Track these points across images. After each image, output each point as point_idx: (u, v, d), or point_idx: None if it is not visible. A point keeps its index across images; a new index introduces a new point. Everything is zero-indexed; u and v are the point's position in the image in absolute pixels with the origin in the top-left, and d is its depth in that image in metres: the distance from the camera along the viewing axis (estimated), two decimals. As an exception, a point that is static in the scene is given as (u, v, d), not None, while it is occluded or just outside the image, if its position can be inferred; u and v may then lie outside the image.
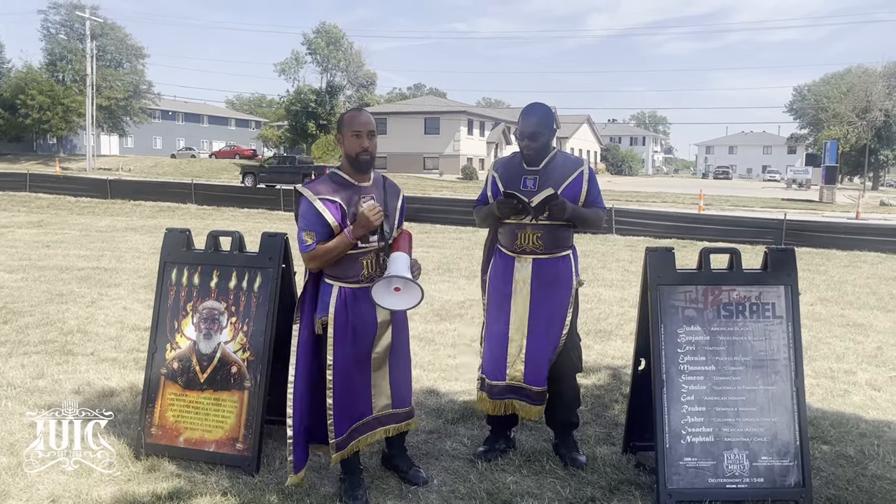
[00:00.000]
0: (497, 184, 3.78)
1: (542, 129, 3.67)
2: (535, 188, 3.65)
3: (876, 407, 4.82)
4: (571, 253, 3.76)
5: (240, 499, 3.28)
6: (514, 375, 3.69)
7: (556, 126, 3.80)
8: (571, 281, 3.71)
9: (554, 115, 3.77)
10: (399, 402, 3.50)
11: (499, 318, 3.76)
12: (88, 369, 5.20)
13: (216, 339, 3.73)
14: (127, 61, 54.82)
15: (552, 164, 3.72)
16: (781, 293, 3.52)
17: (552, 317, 3.68)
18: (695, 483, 3.36)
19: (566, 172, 3.70)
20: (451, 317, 7.17)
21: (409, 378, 3.59)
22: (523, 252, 3.69)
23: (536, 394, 3.69)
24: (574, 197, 3.65)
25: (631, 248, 13.79)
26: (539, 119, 3.68)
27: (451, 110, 55.36)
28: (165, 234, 3.95)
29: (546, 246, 3.67)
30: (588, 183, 3.70)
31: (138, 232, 14.58)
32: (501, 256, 3.80)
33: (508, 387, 3.71)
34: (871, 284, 10.14)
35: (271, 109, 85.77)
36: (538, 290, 3.68)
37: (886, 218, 24.32)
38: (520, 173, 3.75)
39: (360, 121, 3.24)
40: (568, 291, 3.70)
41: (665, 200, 30.23)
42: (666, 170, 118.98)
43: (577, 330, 3.85)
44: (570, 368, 3.81)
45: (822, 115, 61.55)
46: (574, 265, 3.76)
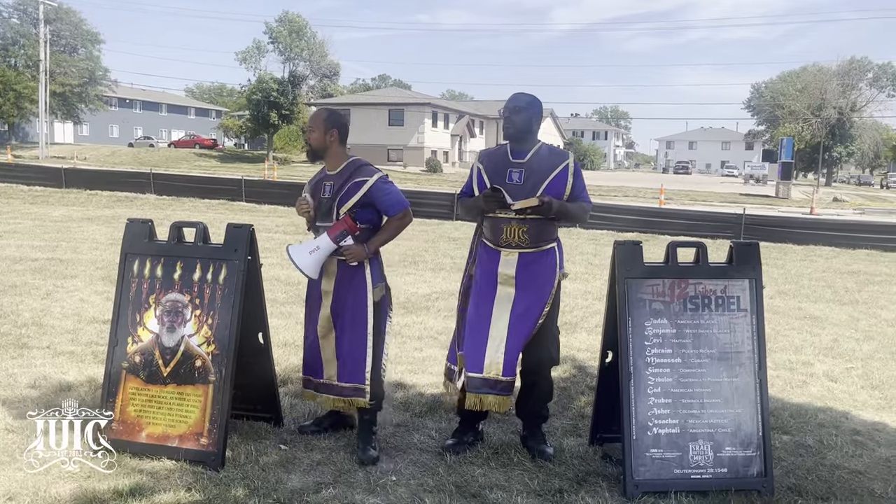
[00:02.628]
0: (483, 176, 3.76)
1: (525, 107, 3.70)
2: (521, 181, 3.66)
3: (833, 398, 4.94)
4: (556, 245, 3.77)
5: (204, 494, 3.22)
6: (493, 369, 3.67)
7: (541, 114, 3.80)
8: (555, 273, 3.72)
9: (540, 105, 3.78)
10: (344, 376, 3.71)
11: (481, 311, 3.73)
12: (45, 363, 5.05)
13: (180, 333, 3.66)
14: (82, 47, 53.43)
15: (537, 157, 3.72)
16: (746, 286, 3.57)
17: (534, 308, 3.68)
18: (661, 474, 3.40)
19: (551, 166, 3.70)
20: (417, 309, 7.15)
21: (360, 357, 3.67)
22: (509, 246, 3.69)
23: (509, 384, 3.69)
24: (559, 191, 3.65)
25: (594, 242, 13.93)
26: (525, 100, 3.73)
27: (415, 102, 55.19)
28: (127, 224, 3.85)
29: (531, 239, 3.66)
30: (573, 177, 3.71)
31: (95, 222, 14.24)
32: (486, 250, 3.78)
33: (484, 380, 3.69)
34: (827, 278, 10.40)
35: (232, 99, 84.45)
36: (523, 284, 3.67)
37: (839, 213, 24.99)
38: (505, 166, 3.73)
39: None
40: (551, 284, 3.71)
41: (627, 195, 30.61)
42: (627, 164, 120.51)
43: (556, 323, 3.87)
44: (548, 361, 3.83)
45: (779, 112, 63.02)
46: (559, 257, 3.76)
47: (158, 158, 45.38)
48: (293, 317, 6.43)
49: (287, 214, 16.55)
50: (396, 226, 3.73)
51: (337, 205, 3.65)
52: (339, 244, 3.58)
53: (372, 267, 3.71)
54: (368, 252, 3.64)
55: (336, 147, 3.74)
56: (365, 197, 3.64)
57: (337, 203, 3.65)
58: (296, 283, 8.12)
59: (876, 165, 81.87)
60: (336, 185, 3.68)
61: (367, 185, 3.64)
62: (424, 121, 53.04)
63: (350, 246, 3.60)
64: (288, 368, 4.98)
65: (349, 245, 3.60)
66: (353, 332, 3.70)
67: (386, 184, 3.71)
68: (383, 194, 3.67)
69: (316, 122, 3.71)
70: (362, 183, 3.65)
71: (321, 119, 3.71)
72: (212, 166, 44.02)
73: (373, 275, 3.70)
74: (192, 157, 50.07)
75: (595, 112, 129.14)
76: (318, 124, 3.70)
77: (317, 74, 60.21)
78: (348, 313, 3.70)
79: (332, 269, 3.70)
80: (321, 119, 3.71)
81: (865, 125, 63.69)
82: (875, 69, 64.50)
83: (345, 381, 3.72)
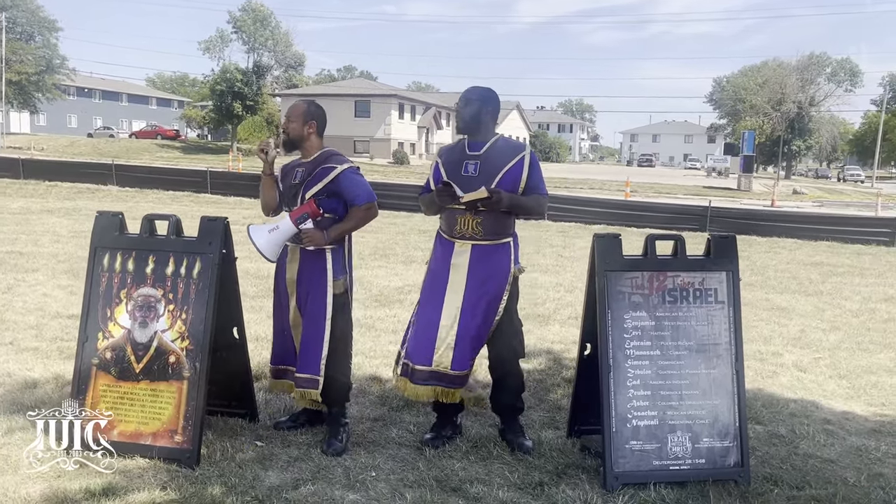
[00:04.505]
0: (440, 170, 3.76)
1: (475, 99, 3.71)
2: (476, 173, 3.65)
3: (803, 388, 5.03)
4: (512, 240, 3.76)
5: (180, 493, 3.15)
6: (441, 362, 3.65)
7: (495, 108, 3.78)
8: (509, 267, 3.70)
9: (495, 98, 3.77)
10: (301, 366, 3.71)
11: (432, 303, 3.73)
12: (8, 359, 4.90)
13: (152, 328, 3.57)
14: (39, 34, 51.93)
15: (493, 150, 3.71)
16: (723, 279, 3.60)
17: (486, 303, 3.66)
18: (640, 465, 3.42)
19: (507, 157, 3.69)
20: (390, 302, 7.11)
21: (316, 347, 3.66)
22: (462, 238, 3.68)
23: (459, 377, 3.67)
24: (514, 182, 3.64)
25: (563, 234, 14.02)
26: (477, 93, 3.75)
27: (381, 93, 54.93)
28: (96, 217, 3.74)
29: (485, 232, 3.65)
30: (529, 168, 3.69)
31: (55, 214, 13.88)
32: (441, 241, 3.79)
33: (433, 373, 3.67)
34: (791, 269, 10.60)
35: (194, 89, 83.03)
36: (474, 276, 3.66)
37: (799, 206, 25.53)
38: (462, 159, 3.74)
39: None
40: (505, 278, 3.69)
41: (592, 187, 30.85)
42: (592, 157, 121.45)
43: (519, 316, 3.85)
44: (513, 355, 3.81)
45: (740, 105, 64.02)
46: (514, 252, 3.75)
47: (119, 149, 44.43)
48: (264, 310, 6.32)
49: (253, 206, 16.31)
50: (361, 217, 3.71)
51: (303, 189, 3.67)
52: (300, 226, 3.56)
53: (334, 259, 3.68)
54: (327, 238, 3.61)
55: (313, 138, 3.79)
56: (332, 184, 3.64)
57: (304, 188, 3.67)
58: (265, 275, 8.00)
59: (833, 159, 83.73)
60: (306, 171, 3.74)
61: (335, 172, 3.66)
62: (391, 112, 52.79)
63: (308, 229, 3.58)
64: (261, 363, 4.89)
65: (308, 228, 3.58)
66: (312, 323, 3.69)
67: (355, 174, 3.73)
68: (350, 183, 3.68)
69: (295, 113, 3.76)
70: (330, 170, 3.67)
71: (301, 111, 3.77)
72: (174, 157, 43.28)
73: (334, 267, 3.68)
74: (153, 147, 49.10)
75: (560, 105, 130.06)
76: (298, 116, 3.75)
77: (281, 65, 59.54)
78: (309, 304, 3.70)
79: (297, 257, 3.71)
80: (301, 111, 3.77)
81: (823, 119, 65.11)
82: (833, 64, 65.91)
83: (300, 372, 3.72)
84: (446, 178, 3.64)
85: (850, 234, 14.93)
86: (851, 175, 62.38)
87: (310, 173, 3.71)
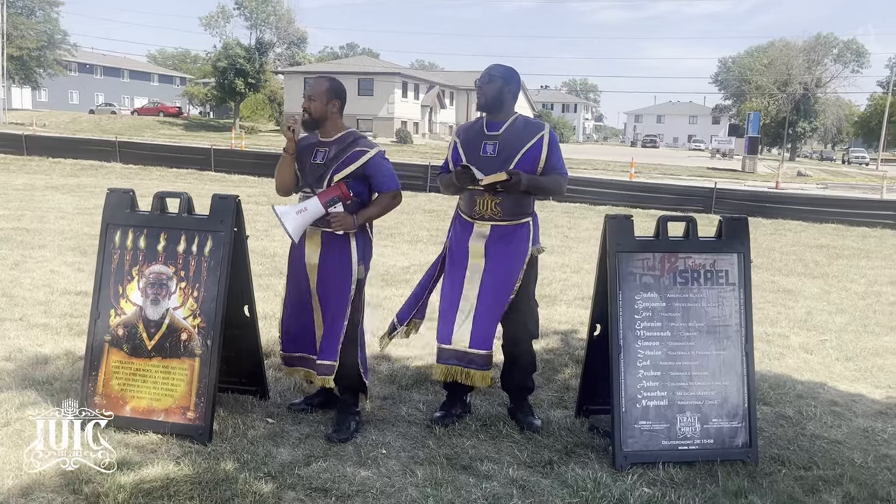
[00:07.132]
0: (458, 150, 3.75)
1: (498, 77, 3.68)
2: (495, 153, 3.65)
3: (809, 369, 5.04)
4: (531, 220, 3.76)
5: (193, 468, 3.17)
6: (460, 340, 3.68)
7: (516, 87, 3.76)
8: (527, 247, 3.71)
9: (517, 77, 3.74)
10: (321, 353, 3.65)
11: (452, 282, 3.76)
12: (18, 335, 4.92)
13: (164, 305, 3.58)
14: (40, 9, 51.58)
15: (512, 129, 3.70)
16: (735, 261, 3.61)
17: (503, 282, 3.67)
18: (649, 445, 3.44)
19: (526, 137, 3.67)
20: (397, 282, 7.12)
21: (336, 332, 3.61)
22: (482, 218, 3.68)
23: (482, 358, 3.69)
24: (533, 163, 3.63)
25: (568, 215, 13.99)
26: (499, 70, 3.71)
27: (385, 71, 54.56)
28: (108, 193, 3.74)
29: (505, 212, 3.65)
30: (549, 147, 3.68)
31: (59, 191, 13.87)
32: (461, 222, 3.79)
33: (454, 352, 3.70)
34: (797, 252, 10.59)
35: (196, 66, 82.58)
36: (493, 256, 3.67)
37: (803, 188, 25.42)
38: (480, 138, 3.72)
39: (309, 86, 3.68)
40: (522, 258, 3.69)
41: (596, 168, 30.72)
42: (596, 137, 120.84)
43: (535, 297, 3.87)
44: (527, 334, 3.83)
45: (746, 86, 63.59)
46: (533, 232, 3.76)
47: (121, 126, 44.30)
48: (272, 289, 6.36)
49: (258, 185, 16.30)
50: (387, 203, 3.68)
51: (332, 172, 3.57)
52: (329, 209, 3.51)
53: (358, 243, 3.64)
54: (356, 223, 3.58)
55: (336, 117, 3.68)
56: (362, 168, 3.58)
57: (332, 170, 3.57)
58: (272, 254, 8.02)
59: (838, 141, 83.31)
60: (331, 152, 3.62)
61: (366, 157, 3.58)
62: (394, 91, 52.49)
63: (339, 213, 3.53)
64: (270, 341, 4.91)
65: (338, 212, 3.52)
66: (336, 308, 3.63)
67: (384, 159, 3.67)
68: (381, 169, 3.63)
69: (318, 91, 3.62)
70: (361, 153, 3.59)
71: (323, 89, 3.62)
72: (177, 135, 43.16)
73: (358, 252, 3.64)
74: (155, 125, 48.95)
75: (564, 84, 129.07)
76: (321, 94, 3.61)
77: (284, 42, 59.14)
78: (332, 290, 3.64)
79: (317, 240, 3.64)
80: (323, 89, 3.62)
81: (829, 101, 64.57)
82: (840, 45, 65.29)
83: (322, 359, 3.64)
84: (465, 160, 3.64)
85: (856, 217, 14.88)
86: (856, 157, 62.14)
87: (337, 156, 3.60)
